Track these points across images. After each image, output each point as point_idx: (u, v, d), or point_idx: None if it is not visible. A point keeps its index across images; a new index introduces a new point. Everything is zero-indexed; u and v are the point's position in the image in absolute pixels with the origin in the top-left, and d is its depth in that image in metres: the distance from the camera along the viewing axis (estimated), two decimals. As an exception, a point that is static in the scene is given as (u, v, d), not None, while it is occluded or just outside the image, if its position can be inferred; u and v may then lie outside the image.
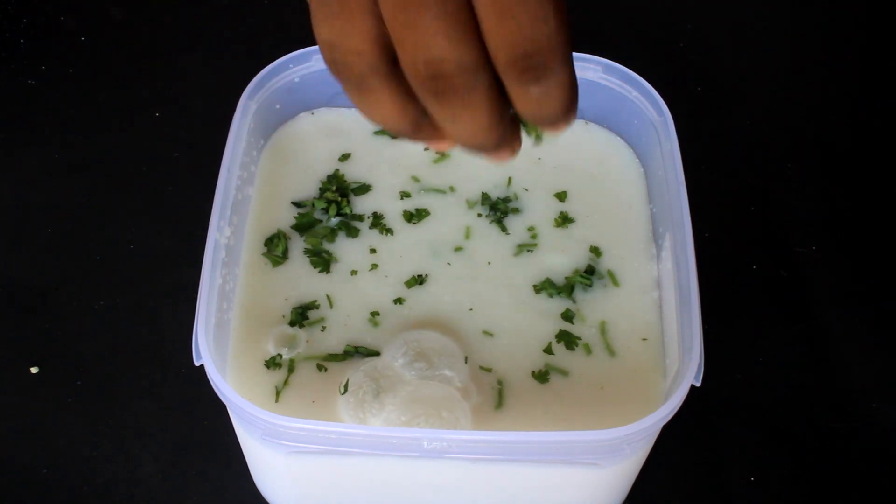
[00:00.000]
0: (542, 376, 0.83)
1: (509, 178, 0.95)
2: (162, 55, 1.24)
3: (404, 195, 0.93)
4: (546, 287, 0.88)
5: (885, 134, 1.20)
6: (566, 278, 0.88)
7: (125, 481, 0.91)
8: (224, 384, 0.74)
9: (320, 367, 0.83)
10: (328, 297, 0.87)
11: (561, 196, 0.94)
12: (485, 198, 0.93)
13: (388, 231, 0.91)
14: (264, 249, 0.89)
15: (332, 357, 0.83)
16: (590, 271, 0.88)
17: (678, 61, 1.25)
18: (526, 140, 0.59)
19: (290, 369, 0.82)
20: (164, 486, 0.91)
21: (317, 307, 0.86)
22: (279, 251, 0.88)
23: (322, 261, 0.88)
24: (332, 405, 0.81)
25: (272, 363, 0.83)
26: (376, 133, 0.97)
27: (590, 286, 0.88)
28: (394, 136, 0.95)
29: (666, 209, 0.87)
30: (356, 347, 0.84)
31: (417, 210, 0.92)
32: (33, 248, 1.06)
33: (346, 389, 0.80)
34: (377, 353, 0.83)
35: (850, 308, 1.04)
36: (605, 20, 1.30)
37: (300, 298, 0.87)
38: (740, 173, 1.15)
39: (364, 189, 0.94)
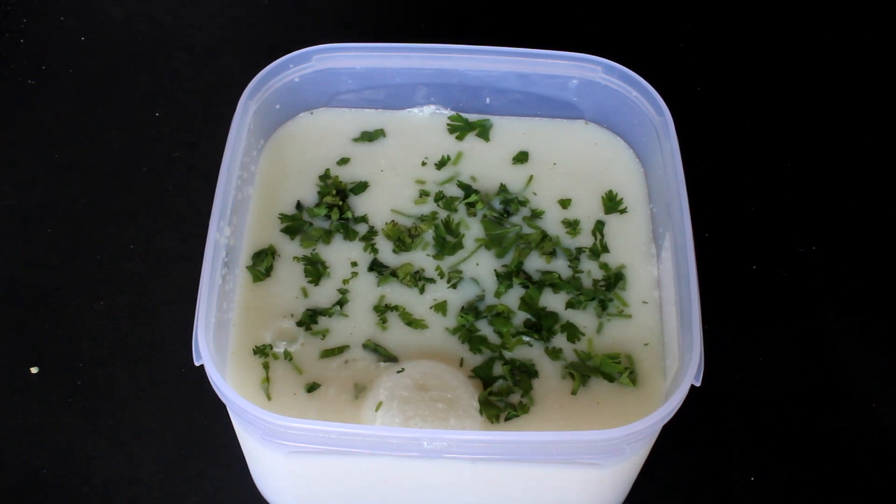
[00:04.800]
0: (542, 370, 0.83)
1: (530, 177, 0.94)
2: (162, 55, 1.24)
3: (412, 206, 0.93)
4: (546, 286, 0.88)
5: (884, 134, 1.20)
6: (567, 278, 0.88)
7: (125, 481, 0.91)
8: (224, 384, 0.74)
9: (328, 354, 0.83)
10: (338, 306, 0.86)
11: (564, 203, 0.93)
12: (502, 188, 0.93)
13: (399, 242, 0.90)
14: (250, 262, 0.88)
15: (330, 352, 0.83)
16: (607, 278, 0.88)
17: (678, 61, 1.25)
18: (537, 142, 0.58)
19: (267, 366, 0.82)
20: (164, 486, 0.91)
21: (329, 315, 0.86)
22: (263, 267, 0.88)
23: (315, 271, 0.88)
24: (317, 400, 0.81)
25: (259, 350, 0.83)
26: (354, 140, 0.97)
27: (591, 294, 0.87)
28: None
29: (666, 209, 0.87)
30: (376, 345, 0.84)
31: (423, 216, 0.92)
32: (33, 248, 1.06)
33: (378, 407, 0.80)
34: (395, 359, 0.83)
35: (850, 308, 1.04)
36: (605, 20, 1.30)
37: (303, 301, 0.87)
38: (740, 173, 1.15)
39: (362, 187, 0.94)
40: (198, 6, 1.29)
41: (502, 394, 0.81)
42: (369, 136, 0.97)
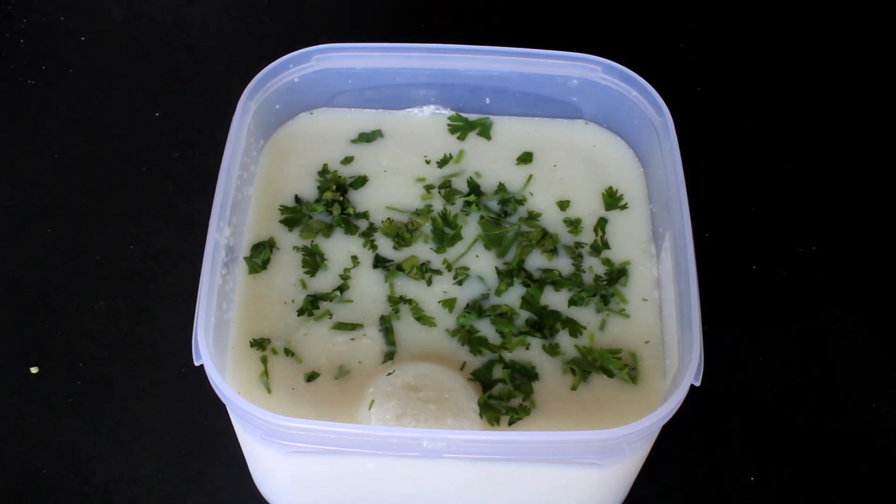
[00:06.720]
0: (543, 374, 0.83)
1: (529, 177, 0.95)
2: (162, 55, 1.24)
3: (412, 206, 0.93)
4: (546, 285, 0.88)
5: (885, 133, 1.20)
6: (568, 274, 0.88)
7: (125, 481, 0.91)
8: (224, 385, 0.74)
9: (340, 327, 0.83)
10: (338, 291, 0.87)
11: (563, 204, 0.93)
12: (501, 187, 0.93)
13: (398, 239, 0.90)
14: (248, 253, 0.88)
15: (342, 325, 0.84)
16: (609, 274, 0.88)
17: (678, 61, 1.25)
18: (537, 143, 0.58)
19: (265, 360, 0.82)
20: (164, 486, 0.91)
21: (330, 299, 0.86)
22: (260, 259, 0.88)
23: (313, 262, 0.88)
24: (310, 390, 0.82)
25: (257, 343, 0.83)
26: (352, 141, 0.97)
27: (593, 290, 0.87)
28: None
29: (666, 209, 0.87)
30: (387, 327, 0.84)
31: (418, 210, 0.92)
32: (33, 248, 1.06)
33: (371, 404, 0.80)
34: (394, 348, 0.83)
35: (850, 308, 1.04)
36: (605, 20, 1.30)
37: (301, 291, 0.87)
38: (740, 173, 1.15)
39: (361, 181, 0.94)
40: (198, 6, 1.29)
41: (502, 397, 0.81)
42: (367, 137, 0.97)
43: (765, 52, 1.27)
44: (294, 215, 0.91)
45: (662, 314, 0.86)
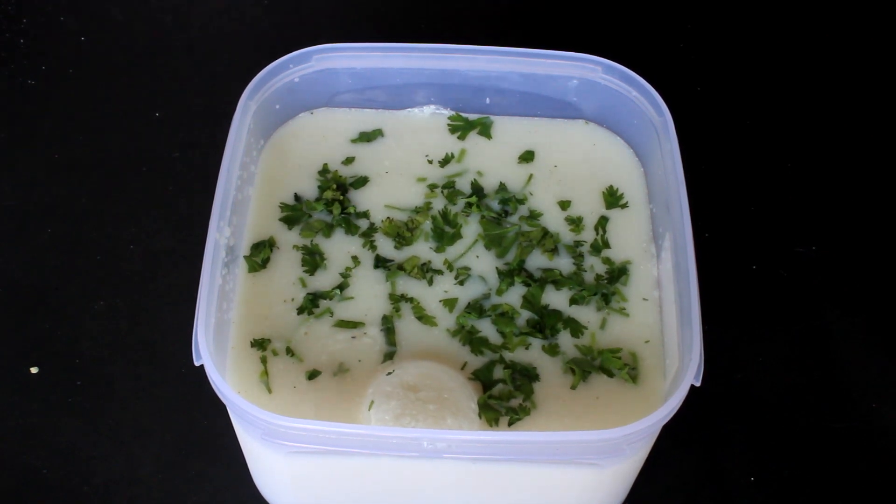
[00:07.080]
0: (543, 375, 0.83)
1: (530, 176, 0.95)
2: (162, 55, 1.24)
3: (416, 205, 0.93)
4: (547, 284, 0.88)
5: (885, 133, 1.20)
6: (569, 274, 0.88)
7: (125, 481, 0.91)
8: (224, 384, 0.74)
9: (342, 325, 0.84)
10: (338, 290, 0.87)
11: (564, 205, 0.93)
12: (501, 187, 0.93)
13: (399, 238, 0.90)
14: (248, 252, 0.89)
15: (344, 323, 0.84)
16: (610, 272, 0.88)
17: (678, 61, 1.25)
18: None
19: (265, 360, 0.83)
20: (164, 486, 0.91)
21: (330, 297, 0.86)
22: (260, 258, 0.88)
23: (312, 261, 0.88)
24: (311, 387, 0.82)
25: (257, 343, 0.83)
26: (352, 141, 0.97)
27: (594, 289, 0.87)
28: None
29: (666, 209, 0.87)
30: (388, 328, 0.84)
31: (417, 208, 0.92)
32: (33, 248, 1.06)
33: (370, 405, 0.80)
34: (394, 348, 0.84)
35: (850, 308, 1.04)
36: (605, 20, 1.30)
37: (301, 289, 0.87)
38: (740, 173, 1.15)
39: (362, 181, 0.94)
40: (198, 6, 1.29)
41: (502, 398, 0.81)
42: (367, 137, 0.97)
43: (765, 52, 1.27)
44: (294, 213, 0.91)
45: (662, 314, 0.86)
